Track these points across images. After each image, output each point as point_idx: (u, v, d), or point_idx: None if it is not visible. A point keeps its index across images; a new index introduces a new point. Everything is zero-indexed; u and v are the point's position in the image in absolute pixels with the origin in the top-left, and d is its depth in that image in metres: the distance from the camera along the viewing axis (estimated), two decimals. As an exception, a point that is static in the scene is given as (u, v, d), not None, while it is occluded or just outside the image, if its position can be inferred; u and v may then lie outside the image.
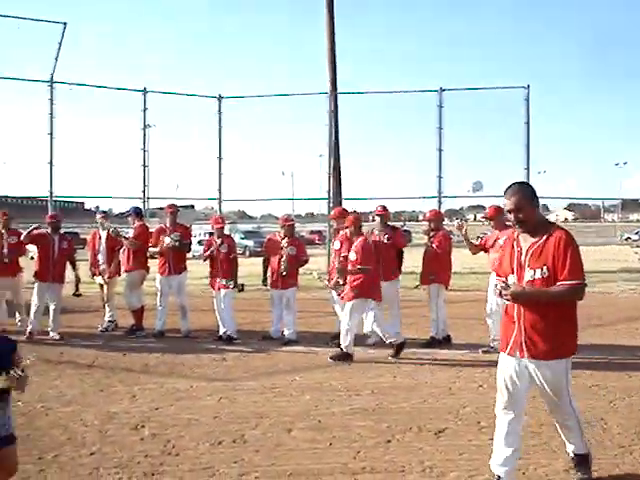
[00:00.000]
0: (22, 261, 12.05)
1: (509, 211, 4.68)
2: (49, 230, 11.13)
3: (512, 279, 4.61)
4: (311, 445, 5.82)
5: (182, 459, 5.44)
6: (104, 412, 6.70)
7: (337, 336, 9.52)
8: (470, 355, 9.57)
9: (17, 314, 11.79)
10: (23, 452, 5.46)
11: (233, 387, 7.75)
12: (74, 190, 22.85)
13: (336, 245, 10.27)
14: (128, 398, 7.26)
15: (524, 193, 4.70)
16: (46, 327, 10.97)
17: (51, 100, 19.90)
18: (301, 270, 11.25)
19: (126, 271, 11.50)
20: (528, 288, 4.53)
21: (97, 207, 12.03)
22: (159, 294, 11.24)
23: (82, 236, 47.84)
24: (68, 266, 11.25)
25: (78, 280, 11.35)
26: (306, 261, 11.07)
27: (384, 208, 10.62)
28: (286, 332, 10.68)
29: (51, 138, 19.88)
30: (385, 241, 10.33)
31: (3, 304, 11.76)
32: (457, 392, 7.60)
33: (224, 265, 10.71)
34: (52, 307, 10.95)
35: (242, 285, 11.15)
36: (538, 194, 4.78)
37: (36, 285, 10.98)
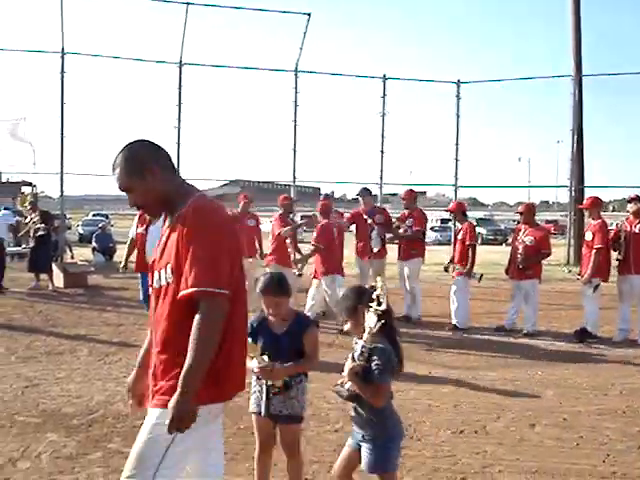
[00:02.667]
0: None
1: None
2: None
3: None
4: (556, 443, 5.57)
5: (423, 445, 5.44)
6: (346, 391, 6.87)
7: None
8: None
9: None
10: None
11: (473, 376, 7.63)
12: (312, 175, 23.81)
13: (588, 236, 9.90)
14: (368, 379, 7.40)
15: (127, 165, 2.96)
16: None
17: (295, 89, 20.82)
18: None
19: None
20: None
21: (332, 192, 12.09)
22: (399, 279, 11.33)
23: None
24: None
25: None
26: (548, 254, 10.57)
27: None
28: (526, 326, 10.31)
29: (295, 125, 20.80)
30: (637, 231, 9.71)
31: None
32: None
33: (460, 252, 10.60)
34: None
35: (481, 275, 10.93)
36: None
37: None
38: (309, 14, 20.39)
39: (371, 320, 3.54)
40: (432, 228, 26.75)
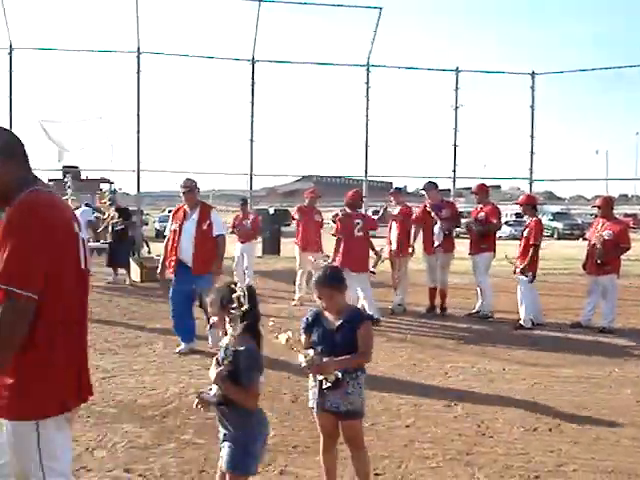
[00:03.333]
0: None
1: None
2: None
3: None
4: (633, 443, 5.41)
5: (496, 442, 5.35)
6: (417, 386, 6.84)
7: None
8: None
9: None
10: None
11: (548, 373, 7.47)
12: (384, 170, 23.70)
13: None
14: (441, 375, 7.33)
15: None
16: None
17: (367, 84, 20.76)
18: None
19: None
20: None
21: (405, 186, 11.97)
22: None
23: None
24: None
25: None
26: (627, 248, 10.22)
27: None
28: (603, 322, 10.03)
29: (367, 120, 20.75)
30: None
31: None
32: None
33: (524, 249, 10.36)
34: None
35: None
36: None
37: None
38: (380, 8, 20.28)
39: (234, 322, 3.49)
40: (507, 222, 26.21)
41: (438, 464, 4.82)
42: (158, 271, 8.75)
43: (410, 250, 11.48)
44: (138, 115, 19.14)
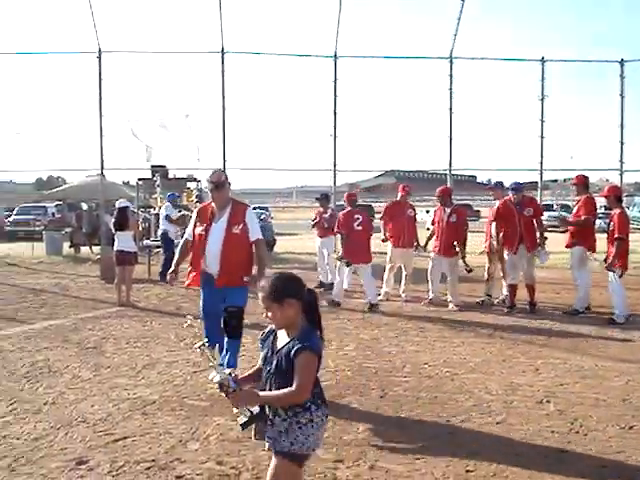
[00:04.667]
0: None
1: None
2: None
3: None
4: None
5: (590, 440, 5.21)
6: (508, 382, 6.72)
7: None
8: None
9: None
10: (432, 413, 5.76)
11: (643, 370, 7.25)
12: (468, 163, 23.41)
13: None
14: (531, 371, 7.19)
15: None
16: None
17: (451, 76, 20.52)
18: None
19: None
20: None
21: (489, 180, 11.85)
22: None
23: (475, 208, 49.37)
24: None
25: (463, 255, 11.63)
26: None
27: None
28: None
29: (450, 113, 20.52)
30: None
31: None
32: None
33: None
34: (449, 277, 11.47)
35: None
36: None
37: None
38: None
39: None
40: (599, 215, 25.33)
41: (530, 462, 4.73)
42: (168, 277, 7.46)
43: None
44: (223, 114, 19.48)
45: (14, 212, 34.34)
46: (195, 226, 6.92)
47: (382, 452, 4.89)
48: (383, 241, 12.80)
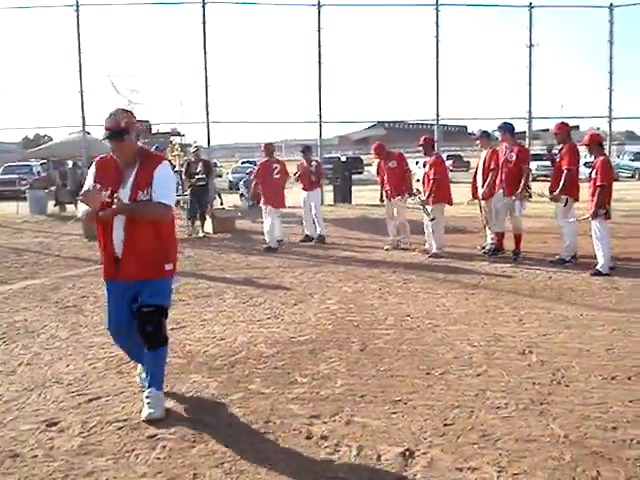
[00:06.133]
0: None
1: None
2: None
3: None
4: None
5: (572, 391, 5.13)
6: (490, 333, 6.64)
7: None
8: None
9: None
10: (412, 366, 5.67)
11: (627, 319, 7.13)
12: (457, 113, 23.14)
13: None
14: (515, 321, 7.11)
15: None
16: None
17: (437, 24, 20.25)
18: None
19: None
20: None
21: (479, 130, 11.68)
22: None
23: (465, 159, 49.17)
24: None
25: None
26: None
27: None
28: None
29: (437, 62, 20.26)
30: None
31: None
32: None
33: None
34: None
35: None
36: None
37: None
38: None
39: None
40: (585, 164, 25.21)
41: (510, 414, 4.65)
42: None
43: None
44: (205, 66, 19.15)
45: (-1, 171, 33.93)
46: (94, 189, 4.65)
47: (359, 407, 4.79)
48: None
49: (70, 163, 26.91)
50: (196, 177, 14.87)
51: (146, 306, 4.69)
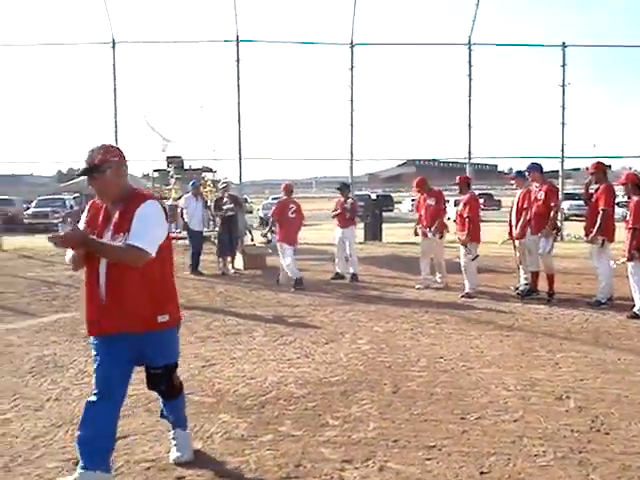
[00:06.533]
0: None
1: None
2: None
3: None
4: None
5: (612, 439, 4.95)
6: (526, 377, 6.46)
7: None
8: None
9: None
10: (446, 410, 5.52)
11: (667, 363, 6.96)
12: (489, 152, 23.10)
13: None
14: (551, 365, 6.93)
15: None
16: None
17: (470, 63, 20.23)
18: None
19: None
20: None
21: (510, 169, 11.63)
22: None
23: (495, 198, 48.99)
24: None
25: None
26: None
27: None
28: None
29: (469, 101, 20.26)
30: None
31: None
32: None
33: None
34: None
35: None
36: None
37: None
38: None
39: None
40: (618, 204, 24.84)
41: (549, 463, 4.49)
42: None
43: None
44: (239, 103, 19.32)
45: (33, 204, 34.44)
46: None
47: (392, 452, 4.67)
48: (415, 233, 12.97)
49: (102, 198, 27.19)
50: (225, 208, 14.86)
51: (153, 368, 4.40)
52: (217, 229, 15.47)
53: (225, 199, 15.08)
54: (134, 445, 4.86)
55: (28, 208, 34.39)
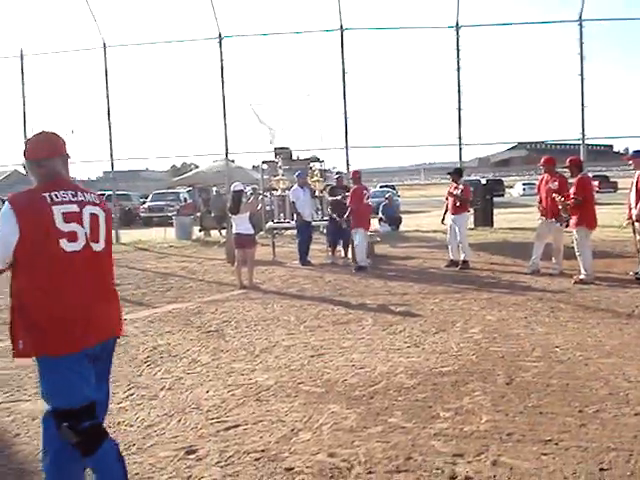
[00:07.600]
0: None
1: None
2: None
3: None
4: None
5: None
6: (649, 368, 6.14)
7: None
8: None
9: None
10: (562, 403, 5.30)
11: None
12: (604, 132, 22.20)
13: None
14: (676, 355, 6.55)
15: None
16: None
17: (580, 39, 19.43)
18: None
19: None
20: None
21: (626, 149, 11.05)
22: None
23: (612, 179, 47.10)
24: None
25: None
26: None
27: None
28: None
29: (582, 79, 19.46)
30: None
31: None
32: None
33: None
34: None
35: None
36: None
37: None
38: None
39: None
40: None
41: (676, 460, 4.22)
42: None
43: None
44: (344, 92, 19.28)
45: (148, 199, 35.68)
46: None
47: (506, 446, 4.50)
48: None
49: (214, 190, 27.85)
50: (338, 197, 14.81)
51: None
52: (326, 218, 15.50)
53: (340, 190, 15.08)
54: (244, 435, 4.89)
55: (144, 202, 35.67)
